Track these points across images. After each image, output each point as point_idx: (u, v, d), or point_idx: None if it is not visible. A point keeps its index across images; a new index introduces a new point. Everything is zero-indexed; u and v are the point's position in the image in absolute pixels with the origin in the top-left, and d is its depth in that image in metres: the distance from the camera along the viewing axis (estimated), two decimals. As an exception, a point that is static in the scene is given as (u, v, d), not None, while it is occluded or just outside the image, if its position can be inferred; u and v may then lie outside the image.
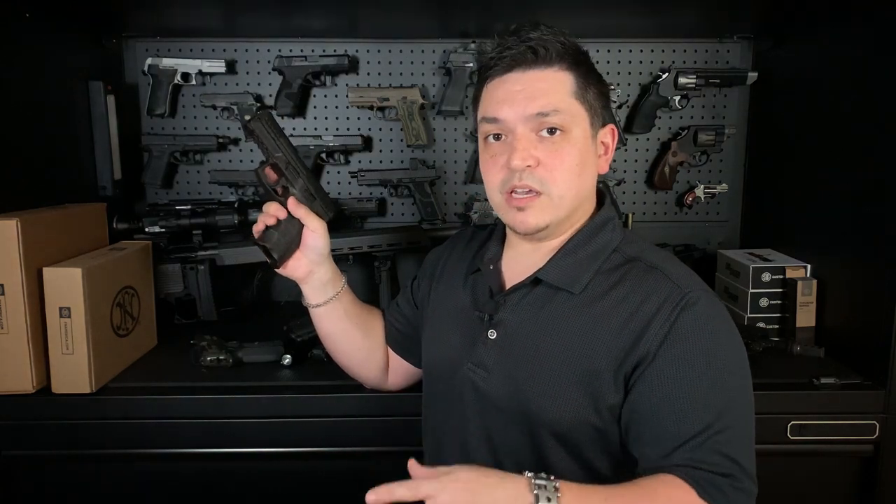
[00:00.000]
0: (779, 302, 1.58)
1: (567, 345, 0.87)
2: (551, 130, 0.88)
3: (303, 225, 1.04)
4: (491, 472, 0.73)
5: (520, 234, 0.94)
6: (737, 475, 0.77)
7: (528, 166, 0.87)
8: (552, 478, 0.73)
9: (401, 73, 1.85)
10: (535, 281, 0.92)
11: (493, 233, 1.05)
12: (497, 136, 0.91)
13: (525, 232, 0.92)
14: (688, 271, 0.90)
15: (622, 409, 0.85)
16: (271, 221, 1.01)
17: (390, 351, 1.17)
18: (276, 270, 1.06)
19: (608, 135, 0.95)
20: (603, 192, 1.00)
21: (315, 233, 1.04)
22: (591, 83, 0.91)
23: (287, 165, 1.03)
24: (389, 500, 0.74)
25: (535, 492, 0.70)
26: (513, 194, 0.89)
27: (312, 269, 1.06)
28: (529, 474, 0.72)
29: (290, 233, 1.02)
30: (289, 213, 1.02)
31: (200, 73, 1.81)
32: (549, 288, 0.91)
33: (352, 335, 1.12)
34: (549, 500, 0.70)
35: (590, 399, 0.85)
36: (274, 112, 1.83)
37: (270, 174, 1.03)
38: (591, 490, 0.75)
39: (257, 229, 1.03)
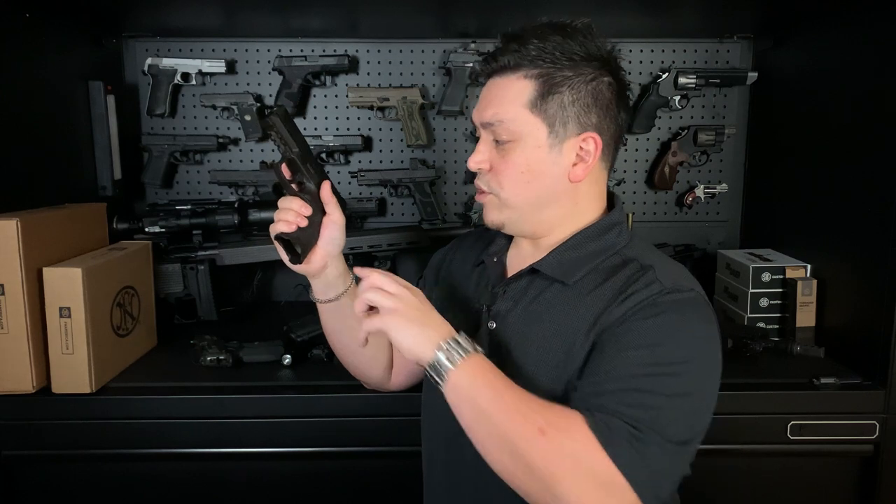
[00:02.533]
0: (779, 302, 1.57)
1: (553, 333, 0.88)
2: (501, 138, 0.91)
3: (321, 218, 1.03)
4: (432, 309, 0.87)
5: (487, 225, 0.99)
6: (646, 433, 0.75)
7: (482, 169, 0.93)
8: (478, 348, 0.83)
9: (401, 73, 1.85)
10: (532, 272, 0.94)
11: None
12: None
13: (488, 226, 0.97)
14: (682, 273, 0.89)
15: None
16: (303, 223, 1.00)
17: (395, 350, 1.17)
18: (293, 267, 1.05)
19: (589, 142, 0.91)
20: (614, 196, 1.00)
21: (336, 224, 1.04)
22: (558, 92, 0.89)
23: (304, 161, 1.03)
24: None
25: (454, 335, 0.83)
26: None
27: (327, 262, 1.06)
28: (462, 336, 0.83)
29: (311, 226, 1.02)
30: (311, 206, 1.02)
31: (200, 73, 1.81)
32: (545, 279, 0.93)
33: (358, 332, 1.11)
34: (459, 343, 0.82)
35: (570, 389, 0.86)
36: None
37: (286, 171, 1.03)
38: (495, 370, 0.82)
39: (286, 229, 1.00)
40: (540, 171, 0.91)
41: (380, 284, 0.86)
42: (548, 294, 0.91)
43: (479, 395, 0.79)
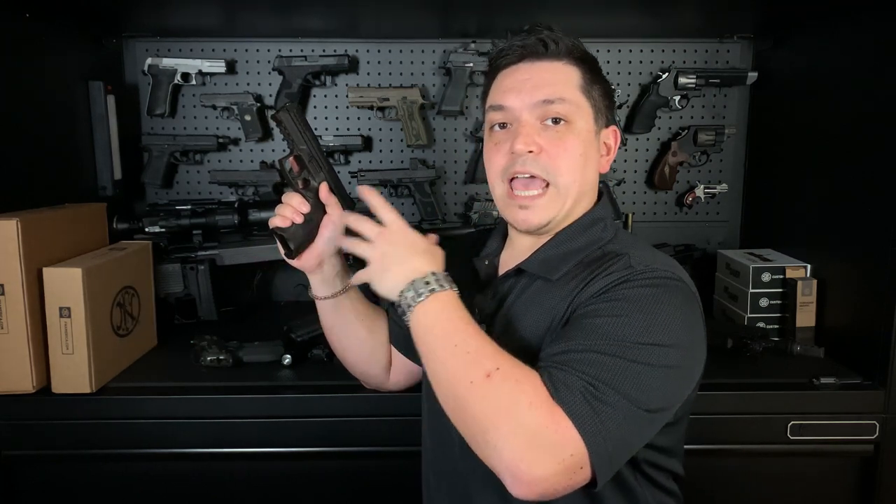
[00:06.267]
0: (779, 302, 1.57)
1: (535, 327, 0.88)
2: (556, 120, 0.89)
3: (321, 216, 1.04)
4: (416, 246, 0.86)
5: (521, 231, 0.95)
6: (602, 390, 0.73)
7: (531, 152, 0.88)
8: (454, 287, 0.83)
9: (401, 73, 1.85)
10: (518, 272, 0.94)
11: (495, 230, 1.06)
12: (503, 126, 0.93)
13: (527, 230, 0.93)
14: (659, 259, 0.88)
15: None
16: (299, 219, 1.01)
17: (394, 350, 1.17)
18: (289, 261, 1.06)
19: (610, 136, 0.96)
20: (601, 192, 1.00)
21: (335, 224, 1.04)
22: (597, 82, 0.93)
23: (310, 158, 1.04)
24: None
25: (431, 270, 0.83)
26: (513, 185, 0.90)
27: (324, 260, 1.06)
28: (440, 274, 0.83)
29: (309, 224, 1.03)
30: (311, 204, 1.02)
31: (200, 73, 1.81)
32: (530, 277, 0.93)
33: (357, 330, 1.12)
34: (427, 283, 0.81)
35: None
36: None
37: (294, 166, 1.03)
38: (462, 311, 0.81)
39: (281, 223, 1.01)
40: (591, 157, 0.92)
41: (361, 222, 0.89)
42: (531, 289, 0.92)
43: (435, 334, 0.79)
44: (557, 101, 0.88)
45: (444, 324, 0.80)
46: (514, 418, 0.72)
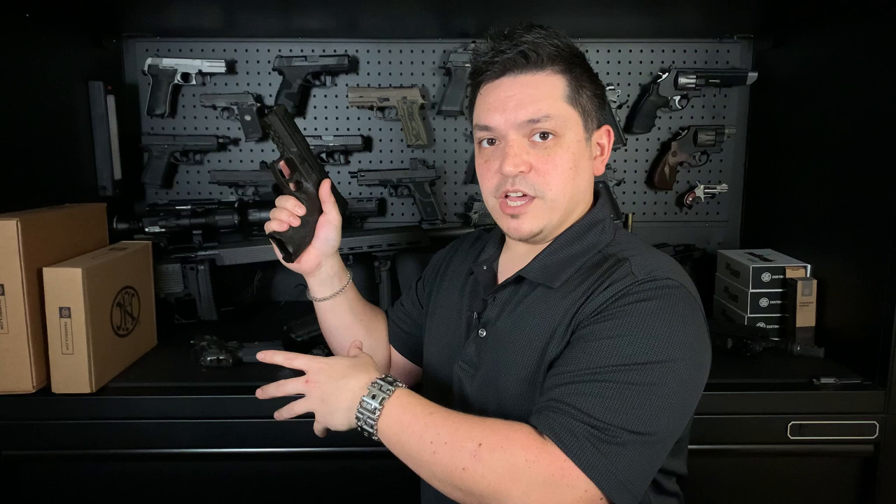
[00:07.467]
0: (779, 302, 1.57)
1: (535, 336, 0.88)
2: (543, 135, 0.88)
3: (317, 217, 1.04)
4: (340, 372, 0.86)
5: (515, 239, 0.95)
6: (604, 428, 0.74)
7: (521, 172, 0.88)
8: (397, 382, 0.84)
9: (401, 73, 1.85)
10: (518, 279, 0.94)
11: (493, 233, 1.06)
12: (491, 141, 0.92)
13: (519, 238, 0.93)
14: (661, 264, 0.87)
15: None
16: (295, 222, 1.01)
17: (393, 351, 1.17)
18: (287, 265, 1.06)
19: (604, 136, 0.95)
20: (598, 193, 0.99)
21: (332, 224, 1.04)
22: (585, 85, 0.91)
23: (302, 161, 1.03)
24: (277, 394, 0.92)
25: (370, 387, 0.83)
26: (507, 199, 0.90)
27: (321, 261, 1.06)
28: (379, 380, 0.84)
29: (306, 226, 1.03)
30: (306, 206, 1.02)
31: (200, 73, 1.81)
32: (531, 284, 0.92)
33: (355, 331, 1.12)
34: (374, 397, 0.82)
35: None
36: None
37: (285, 169, 1.03)
38: (419, 402, 0.82)
39: (278, 228, 1.01)
40: (582, 166, 0.92)
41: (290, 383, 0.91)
42: (532, 297, 0.91)
43: (408, 441, 0.80)
44: (543, 118, 0.87)
45: (411, 427, 0.80)
46: (519, 481, 0.74)
